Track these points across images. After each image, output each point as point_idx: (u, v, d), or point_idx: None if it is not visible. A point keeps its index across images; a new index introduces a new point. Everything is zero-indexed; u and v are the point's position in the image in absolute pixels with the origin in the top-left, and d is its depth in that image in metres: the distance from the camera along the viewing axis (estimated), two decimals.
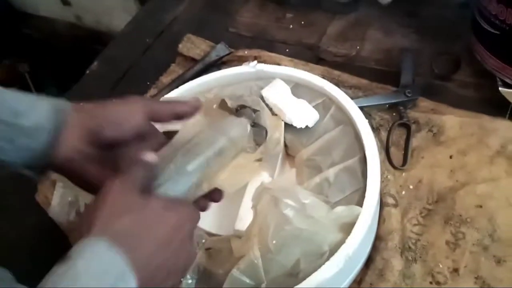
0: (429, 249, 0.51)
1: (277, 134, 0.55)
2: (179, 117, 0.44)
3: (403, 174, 0.57)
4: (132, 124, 0.41)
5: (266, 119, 0.53)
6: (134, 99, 0.43)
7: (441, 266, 0.49)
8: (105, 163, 0.41)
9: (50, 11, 1.67)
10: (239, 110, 0.52)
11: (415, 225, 0.53)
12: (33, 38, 1.75)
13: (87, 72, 0.86)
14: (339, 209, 0.44)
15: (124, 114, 0.41)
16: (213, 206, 0.45)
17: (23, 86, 1.70)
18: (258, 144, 0.49)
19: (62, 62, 1.65)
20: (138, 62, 0.84)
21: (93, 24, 1.57)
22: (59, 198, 0.63)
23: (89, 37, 1.59)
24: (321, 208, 0.44)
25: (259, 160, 0.51)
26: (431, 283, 0.49)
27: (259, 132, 0.50)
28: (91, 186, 0.40)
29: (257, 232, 0.45)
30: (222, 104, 0.54)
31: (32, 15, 1.74)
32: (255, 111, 0.52)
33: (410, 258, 0.51)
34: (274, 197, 0.43)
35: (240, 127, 0.46)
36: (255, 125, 0.50)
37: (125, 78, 0.82)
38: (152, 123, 0.44)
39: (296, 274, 0.44)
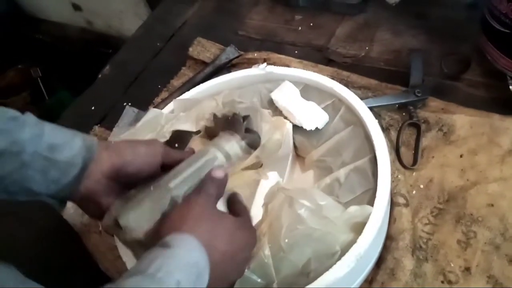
0: (440, 249, 0.51)
1: (277, 135, 0.55)
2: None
3: (414, 173, 0.58)
4: (152, 165, 0.45)
5: (260, 123, 0.54)
6: (155, 142, 0.48)
7: (452, 265, 0.49)
8: (118, 193, 0.44)
9: (61, 16, 1.70)
10: (230, 118, 0.53)
11: (426, 224, 0.53)
12: (44, 42, 1.78)
13: (99, 76, 0.88)
14: (352, 209, 0.45)
15: (146, 156, 0.45)
16: (223, 206, 0.46)
17: (35, 90, 1.73)
18: (253, 148, 0.51)
19: (73, 66, 1.68)
20: (149, 65, 0.85)
21: (104, 29, 1.59)
22: None
23: (99, 42, 1.61)
24: (336, 209, 0.44)
25: (258, 164, 0.52)
26: (442, 282, 0.49)
27: (252, 137, 0.52)
28: (103, 214, 0.44)
29: (267, 231, 0.45)
30: (215, 118, 0.56)
31: (44, 21, 1.77)
32: (244, 118, 0.53)
33: (421, 257, 0.51)
34: (290, 197, 0.44)
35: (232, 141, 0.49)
36: (247, 130, 0.52)
37: (136, 82, 0.83)
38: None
39: (307, 274, 0.45)
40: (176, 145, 0.55)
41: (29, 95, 1.72)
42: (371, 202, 0.47)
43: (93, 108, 0.82)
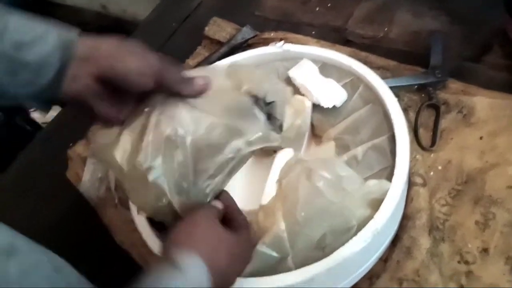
0: (457, 229, 0.50)
1: (299, 120, 0.54)
2: (183, 95, 0.44)
3: (432, 155, 0.57)
4: (144, 74, 0.40)
5: (284, 110, 0.52)
6: (148, 56, 0.41)
7: (470, 246, 0.49)
8: (113, 102, 0.42)
9: (77, 1, 1.70)
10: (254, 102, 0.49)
11: (443, 205, 0.53)
12: None
13: None
14: (371, 182, 0.44)
15: (137, 59, 0.40)
16: (239, 181, 0.46)
17: None
18: (269, 141, 0.49)
19: None
20: (165, 46, 0.85)
21: (119, 13, 1.59)
22: (90, 175, 0.64)
23: (114, 26, 1.61)
24: (355, 181, 0.44)
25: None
26: (459, 262, 0.48)
27: (274, 123, 0.50)
28: (98, 119, 0.43)
29: (282, 205, 0.45)
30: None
31: (60, 5, 1.77)
32: (267, 103, 0.49)
33: (437, 237, 0.50)
34: (308, 168, 0.43)
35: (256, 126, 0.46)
36: (269, 117, 0.49)
37: None
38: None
39: (323, 248, 0.45)
40: None
41: None
42: (389, 180, 0.47)
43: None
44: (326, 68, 0.59)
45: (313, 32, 0.75)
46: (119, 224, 0.60)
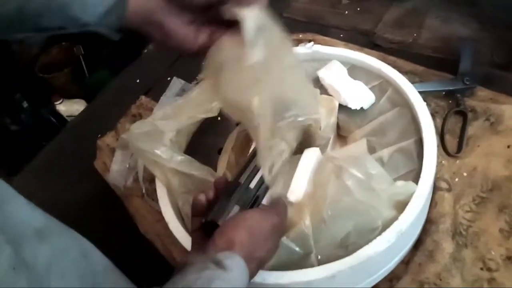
0: (481, 236, 0.50)
1: (333, 119, 0.55)
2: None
3: (457, 161, 0.57)
4: None
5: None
6: None
7: (493, 253, 0.49)
8: (188, 21, 0.40)
9: None
10: None
11: (467, 211, 0.52)
12: None
13: (145, 51, 0.90)
14: (399, 183, 0.45)
15: None
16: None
17: (77, 67, 1.78)
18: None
19: (114, 46, 1.73)
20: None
21: None
22: (118, 165, 0.66)
23: None
24: (384, 180, 0.44)
25: None
26: (481, 269, 0.48)
27: None
28: (171, 41, 0.40)
29: (310, 202, 0.46)
30: None
31: None
32: None
33: (460, 243, 0.50)
34: (339, 166, 0.44)
35: None
36: None
37: (181, 58, 0.85)
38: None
39: (346, 247, 0.45)
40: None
41: (71, 72, 1.78)
42: (415, 182, 0.47)
43: (138, 81, 0.84)
44: (355, 70, 0.60)
45: (341, 35, 0.76)
46: (144, 214, 0.62)
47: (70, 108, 1.59)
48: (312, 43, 0.63)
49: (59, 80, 1.78)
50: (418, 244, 0.51)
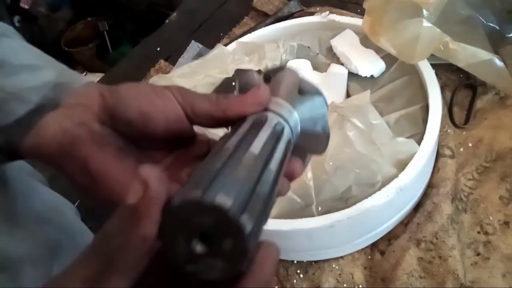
0: (480, 203, 0.51)
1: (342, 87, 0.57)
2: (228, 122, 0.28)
3: (464, 132, 0.58)
4: (166, 111, 0.27)
5: None
6: (168, 86, 0.28)
7: (491, 218, 0.50)
8: (126, 156, 0.27)
9: None
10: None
11: (469, 179, 0.54)
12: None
13: (167, 21, 0.93)
14: (401, 139, 0.46)
15: (154, 94, 0.27)
16: None
17: (101, 42, 1.83)
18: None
19: (138, 22, 1.77)
20: (215, 14, 0.89)
21: None
22: None
23: (163, 2, 1.68)
24: (385, 133, 0.46)
25: None
26: (479, 232, 0.49)
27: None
28: (95, 183, 0.26)
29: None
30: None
31: None
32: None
33: (460, 208, 0.51)
34: (342, 116, 0.46)
35: None
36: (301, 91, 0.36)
37: (201, 28, 0.88)
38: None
39: (346, 200, 0.47)
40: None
41: (95, 47, 1.83)
42: (418, 145, 0.48)
43: (158, 49, 0.87)
44: (368, 40, 0.61)
45: (359, 10, 0.77)
46: None
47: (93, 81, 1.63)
48: (327, 12, 0.64)
49: (84, 55, 1.84)
50: (418, 207, 0.52)
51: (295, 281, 0.51)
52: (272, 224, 0.46)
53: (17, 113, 0.26)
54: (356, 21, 0.63)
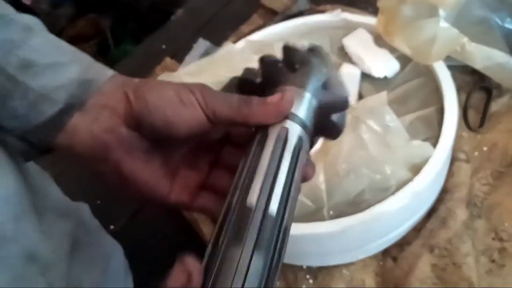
0: (495, 209, 0.50)
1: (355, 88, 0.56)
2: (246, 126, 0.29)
3: (478, 136, 0.56)
4: (189, 118, 0.28)
5: None
6: (191, 86, 0.29)
7: (506, 224, 0.49)
8: (152, 158, 0.30)
9: None
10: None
11: (484, 185, 0.52)
12: None
13: (172, 18, 0.91)
14: (416, 143, 0.45)
15: (177, 101, 0.28)
16: None
17: (102, 40, 1.82)
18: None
19: (140, 20, 1.75)
20: (221, 11, 0.87)
21: None
22: None
23: (166, 0, 1.66)
24: (401, 136, 0.44)
25: None
26: (493, 239, 0.48)
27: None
28: (127, 184, 0.29)
29: (324, 156, 0.46)
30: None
31: None
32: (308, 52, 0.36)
33: (474, 213, 0.50)
34: (356, 117, 0.44)
35: None
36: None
37: (207, 26, 0.86)
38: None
39: (359, 204, 0.46)
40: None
41: (97, 44, 1.82)
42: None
43: (164, 46, 0.86)
44: (381, 39, 0.59)
45: (369, 9, 0.75)
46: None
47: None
48: (339, 10, 0.63)
49: (85, 52, 1.82)
50: (431, 212, 0.51)
51: (304, 286, 0.49)
52: None
53: (48, 113, 0.27)
54: (369, 19, 0.61)
